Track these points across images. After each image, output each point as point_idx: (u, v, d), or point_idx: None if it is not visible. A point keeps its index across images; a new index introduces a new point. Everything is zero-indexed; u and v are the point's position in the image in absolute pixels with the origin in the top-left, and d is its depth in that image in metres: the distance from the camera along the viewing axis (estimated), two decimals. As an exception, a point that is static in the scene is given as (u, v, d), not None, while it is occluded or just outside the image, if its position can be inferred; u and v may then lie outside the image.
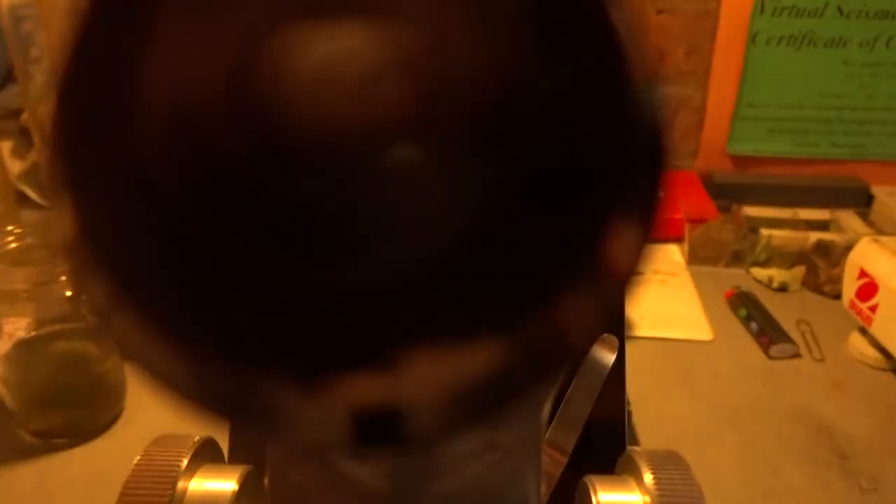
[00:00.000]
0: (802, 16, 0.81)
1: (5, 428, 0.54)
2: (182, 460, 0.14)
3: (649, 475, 0.15)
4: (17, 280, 0.48)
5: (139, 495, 0.13)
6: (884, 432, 0.57)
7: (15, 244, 0.50)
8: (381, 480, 0.10)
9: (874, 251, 0.63)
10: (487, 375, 0.06)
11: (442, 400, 0.06)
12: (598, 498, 0.15)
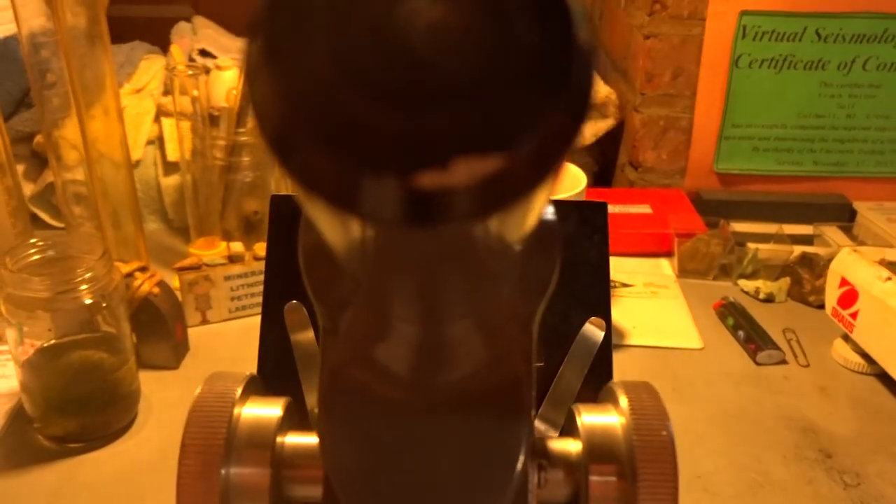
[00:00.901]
0: (782, 40, 0.85)
1: (24, 432, 0.56)
2: (237, 389, 0.16)
3: (624, 399, 0.17)
4: (39, 289, 0.50)
5: (204, 419, 0.15)
6: (866, 432, 0.59)
7: (37, 256, 0.52)
8: (407, 371, 0.13)
9: (854, 260, 0.66)
10: (501, 174, 0.08)
11: (473, 188, 0.08)
12: (583, 420, 0.17)
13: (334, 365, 0.13)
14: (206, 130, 0.72)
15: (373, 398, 0.13)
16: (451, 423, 0.13)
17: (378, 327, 0.12)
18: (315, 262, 0.14)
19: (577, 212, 0.31)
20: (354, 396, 0.13)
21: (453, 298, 0.12)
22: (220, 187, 0.75)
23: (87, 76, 0.70)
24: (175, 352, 0.64)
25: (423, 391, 0.13)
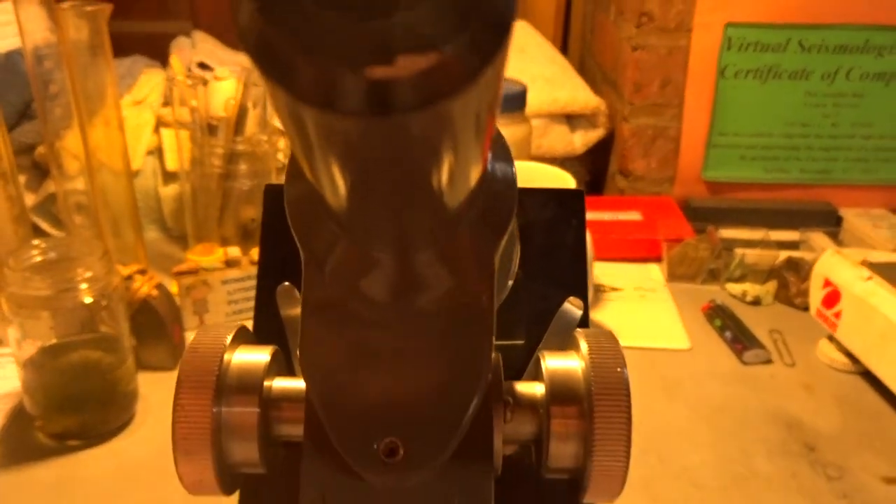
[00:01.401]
0: (767, 51, 0.87)
1: (24, 430, 0.57)
2: (226, 337, 0.18)
3: (584, 344, 0.19)
4: (40, 287, 0.52)
5: (196, 365, 0.17)
6: (850, 428, 0.60)
7: (39, 258, 0.54)
8: (382, 294, 0.14)
9: (837, 262, 0.67)
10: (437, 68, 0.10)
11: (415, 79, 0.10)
12: (546, 364, 0.19)
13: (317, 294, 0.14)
14: (205, 139, 0.74)
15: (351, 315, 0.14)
16: (422, 337, 0.15)
17: (357, 259, 0.14)
18: (300, 211, 0.15)
19: (557, 199, 0.32)
20: (334, 313, 0.14)
21: (418, 229, 0.14)
22: (218, 195, 0.77)
23: (90, 88, 0.72)
24: (172, 353, 0.65)
25: (396, 311, 0.14)
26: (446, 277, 0.15)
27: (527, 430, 0.18)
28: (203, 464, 0.17)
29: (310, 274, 0.15)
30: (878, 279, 0.63)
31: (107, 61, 0.70)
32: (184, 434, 0.17)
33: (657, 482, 0.54)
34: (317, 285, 0.15)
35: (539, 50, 1.02)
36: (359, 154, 0.11)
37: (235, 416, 0.17)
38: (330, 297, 0.15)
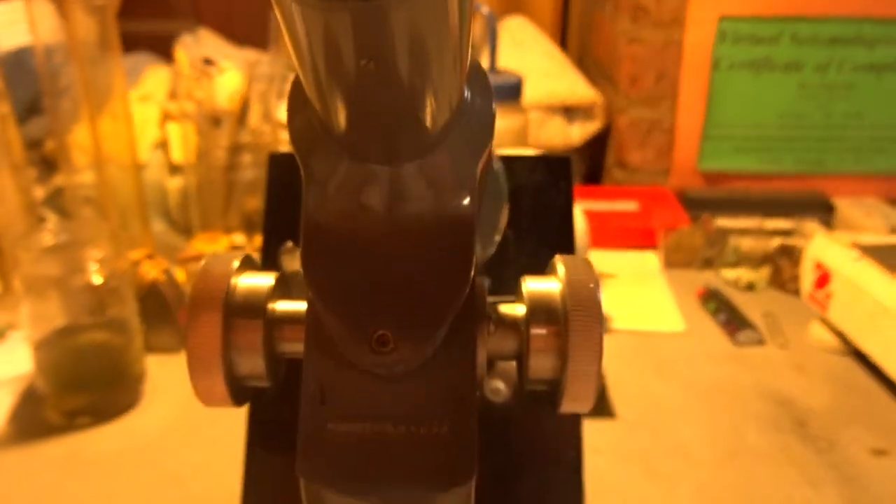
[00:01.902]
0: (760, 43, 0.89)
1: (35, 409, 0.59)
2: (234, 263, 0.20)
3: (561, 268, 0.20)
4: (51, 267, 0.53)
5: (207, 286, 0.18)
6: (840, 405, 0.62)
7: (52, 241, 0.56)
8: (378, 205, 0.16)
9: (828, 244, 0.69)
10: None
11: None
12: (527, 286, 0.20)
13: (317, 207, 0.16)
14: (210, 131, 0.76)
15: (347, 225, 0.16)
16: (411, 242, 0.16)
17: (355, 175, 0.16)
18: (303, 136, 0.17)
19: (545, 164, 0.34)
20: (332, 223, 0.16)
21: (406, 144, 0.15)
22: (223, 186, 0.79)
23: (99, 82, 0.73)
24: (179, 337, 0.67)
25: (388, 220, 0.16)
26: (431, 190, 0.16)
27: (509, 346, 0.20)
28: (214, 377, 0.19)
29: (310, 191, 0.16)
30: (868, 260, 0.64)
31: (115, 55, 0.72)
32: (196, 349, 0.18)
33: (651, 456, 0.55)
34: (317, 201, 0.16)
35: (537, 45, 1.04)
36: (350, 53, 0.13)
37: (242, 333, 0.19)
38: (328, 210, 0.16)
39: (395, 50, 0.13)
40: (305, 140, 0.16)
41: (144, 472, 0.53)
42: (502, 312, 0.20)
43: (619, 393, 0.62)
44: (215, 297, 0.18)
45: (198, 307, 0.18)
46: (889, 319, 0.60)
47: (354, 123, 0.15)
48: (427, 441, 0.17)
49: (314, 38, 0.13)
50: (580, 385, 0.19)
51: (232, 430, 0.57)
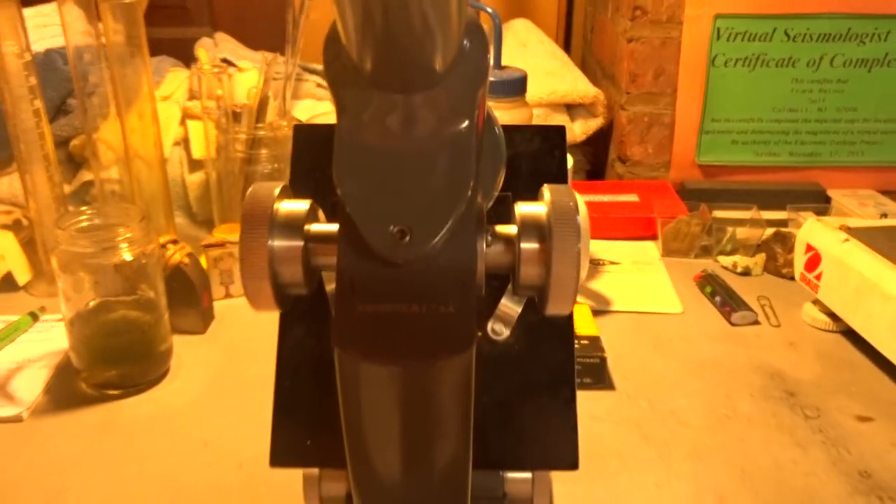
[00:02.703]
0: (754, 40, 0.92)
1: (69, 382, 0.63)
2: (276, 190, 0.23)
3: (547, 193, 0.24)
4: (85, 245, 0.57)
5: (254, 208, 0.22)
6: (828, 377, 0.65)
7: (86, 223, 0.60)
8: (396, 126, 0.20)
9: (818, 228, 0.72)
10: None
11: None
12: (519, 209, 0.24)
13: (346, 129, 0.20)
14: (230, 126, 0.80)
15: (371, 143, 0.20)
16: (424, 156, 0.20)
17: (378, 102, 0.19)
18: (335, 69, 0.21)
19: (541, 133, 0.38)
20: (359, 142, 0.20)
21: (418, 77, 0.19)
22: (241, 178, 0.83)
23: (128, 83, 0.78)
24: (202, 318, 0.71)
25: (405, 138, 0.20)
26: (435, 115, 0.20)
27: (504, 259, 0.23)
28: (262, 283, 0.23)
29: (342, 118, 0.20)
30: (855, 241, 0.68)
31: (142, 55, 0.76)
32: (247, 260, 0.22)
33: (648, 422, 0.59)
34: (347, 124, 0.20)
35: (540, 46, 1.08)
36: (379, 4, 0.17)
37: (284, 248, 0.23)
38: (356, 131, 0.20)
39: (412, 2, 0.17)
40: (340, 78, 0.20)
41: (172, 437, 0.57)
42: (498, 231, 0.24)
43: (619, 368, 0.66)
44: (262, 216, 0.22)
45: (248, 224, 0.22)
46: (875, 295, 0.63)
47: (379, 62, 0.19)
48: (436, 318, 0.20)
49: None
50: (561, 289, 0.22)
51: (254, 401, 0.61)
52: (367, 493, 0.25)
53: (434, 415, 0.22)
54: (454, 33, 0.19)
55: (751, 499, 0.51)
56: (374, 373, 0.21)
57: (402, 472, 0.24)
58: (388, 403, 0.21)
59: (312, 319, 0.35)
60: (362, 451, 0.23)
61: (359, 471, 0.24)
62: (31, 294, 0.78)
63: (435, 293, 0.20)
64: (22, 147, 0.73)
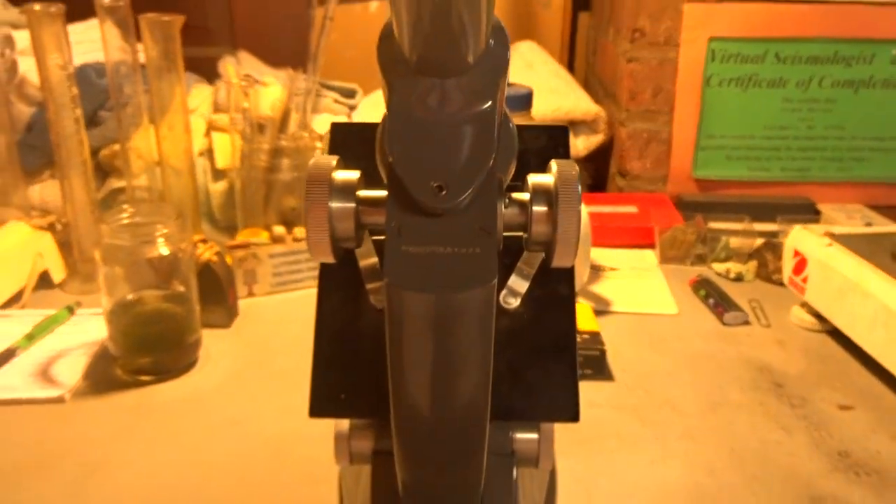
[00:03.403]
0: (746, 62, 0.98)
1: (106, 367, 0.67)
2: (332, 161, 0.29)
3: (554, 166, 0.29)
4: (127, 238, 0.62)
5: (317, 174, 0.27)
6: (814, 371, 0.69)
7: (127, 220, 0.65)
8: (434, 103, 0.25)
9: (804, 235, 0.77)
10: None
11: None
12: (531, 179, 0.29)
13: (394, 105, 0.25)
14: (254, 136, 0.85)
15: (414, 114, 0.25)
16: (457, 125, 0.25)
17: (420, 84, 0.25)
18: (386, 59, 0.26)
19: (546, 132, 0.43)
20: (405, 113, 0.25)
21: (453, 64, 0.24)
22: (263, 186, 0.88)
23: (163, 95, 0.83)
24: (228, 313, 0.76)
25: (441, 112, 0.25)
26: (464, 96, 0.25)
27: (519, 219, 0.28)
28: (322, 236, 0.28)
29: (391, 97, 0.25)
30: (838, 245, 0.73)
31: (177, 69, 0.82)
32: (311, 218, 0.27)
33: (644, 409, 0.63)
34: (396, 101, 0.25)
35: (545, 66, 1.14)
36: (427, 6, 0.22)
37: (340, 208, 0.28)
38: (403, 107, 0.25)
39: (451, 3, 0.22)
40: (391, 66, 0.25)
41: (203, 416, 0.62)
42: (514, 196, 0.29)
43: (618, 362, 0.70)
44: (323, 182, 0.28)
45: (312, 188, 0.27)
46: (856, 294, 0.68)
47: (424, 54, 0.24)
48: (464, 258, 0.25)
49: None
50: (566, 244, 0.28)
51: (277, 387, 0.66)
52: (405, 416, 0.30)
53: (462, 338, 0.27)
54: (482, 34, 0.24)
55: (738, 473, 0.55)
56: (415, 300, 0.26)
57: (434, 394, 0.29)
58: (425, 328, 0.26)
59: (347, 289, 0.40)
60: (402, 373, 0.28)
61: (398, 393, 0.29)
62: (65, 291, 0.82)
63: (464, 238, 0.25)
64: (63, 153, 0.79)
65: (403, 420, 0.31)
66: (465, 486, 0.37)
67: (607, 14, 1.15)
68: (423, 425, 0.31)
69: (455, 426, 0.32)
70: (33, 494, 0.52)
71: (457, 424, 0.32)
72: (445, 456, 0.34)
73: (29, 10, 0.73)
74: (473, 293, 0.26)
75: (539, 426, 0.42)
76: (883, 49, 0.97)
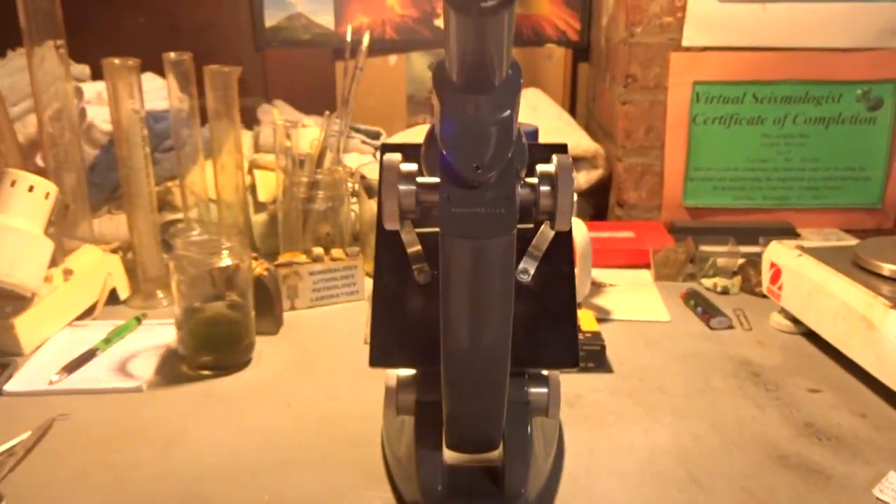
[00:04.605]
0: (727, 102, 1.10)
1: (173, 365, 0.78)
2: (398, 156, 0.40)
3: (555, 158, 0.40)
4: (196, 251, 0.74)
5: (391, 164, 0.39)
6: (788, 364, 0.79)
7: (197, 237, 0.77)
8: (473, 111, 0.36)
9: (779, 249, 0.88)
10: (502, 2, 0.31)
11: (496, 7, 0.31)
12: (538, 168, 0.40)
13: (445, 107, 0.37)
14: (295, 171, 0.97)
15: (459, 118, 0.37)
16: (485, 126, 0.37)
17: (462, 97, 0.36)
18: (438, 79, 0.37)
19: (549, 149, 0.54)
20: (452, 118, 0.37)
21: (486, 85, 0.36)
22: (301, 214, 1.00)
23: (219, 136, 0.96)
24: (276, 322, 0.87)
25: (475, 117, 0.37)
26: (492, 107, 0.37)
27: (530, 196, 0.40)
28: (393, 207, 0.39)
29: (443, 107, 0.37)
30: (806, 256, 0.83)
31: (233, 113, 0.94)
32: (386, 195, 0.39)
33: (638, 393, 0.73)
34: (446, 110, 0.37)
35: (549, 110, 1.27)
36: (470, 37, 0.33)
37: (405, 189, 0.40)
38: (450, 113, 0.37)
39: (488, 43, 0.33)
40: (442, 85, 0.37)
41: (261, 400, 0.72)
42: (526, 180, 0.40)
43: (616, 358, 0.80)
44: (394, 171, 0.39)
45: (386, 174, 0.39)
46: (822, 296, 0.78)
47: (466, 79, 0.36)
48: (494, 216, 0.37)
49: (459, 33, 0.33)
50: (563, 212, 0.39)
51: (322, 380, 0.76)
52: (451, 349, 0.42)
53: (491, 276, 0.38)
54: (504, 67, 0.36)
55: (717, 439, 0.65)
56: (460, 245, 0.37)
57: (472, 325, 0.40)
58: (466, 267, 0.38)
59: (395, 271, 0.51)
60: (450, 308, 0.40)
61: (447, 326, 0.40)
62: (129, 307, 0.94)
63: (493, 202, 0.37)
64: (132, 186, 0.91)
65: (449, 352, 0.42)
66: (492, 416, 0.48)
67: (604, 64, 1.29)
68: (464, 355, 0.42)
69: (486, 356, 0.43)
70: (126, 456, 0.63)
71: (487, 355, 0.43)
72: (479, 384, 0.45)
73: (109, 63, 0.86)
74: (499, 240, 0.37)
75: (549, 382, 0.53)
76: (849, 89, 1.09)
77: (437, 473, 0.51)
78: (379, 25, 1.42)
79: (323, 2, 1.42)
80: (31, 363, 0.78)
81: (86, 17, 1.42)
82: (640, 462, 0.62)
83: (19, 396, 0.72)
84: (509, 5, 0.31)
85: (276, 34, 1.44)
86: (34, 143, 1.09)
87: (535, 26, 1.42)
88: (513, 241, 0.37)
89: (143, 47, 0.94)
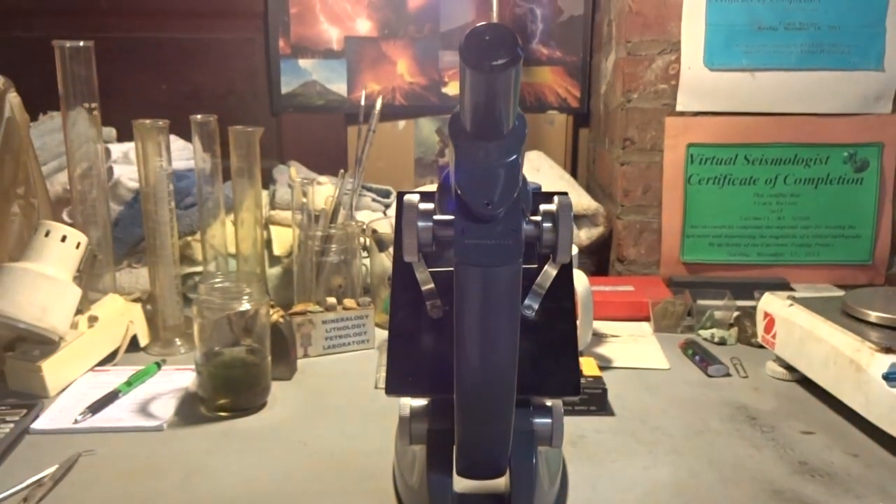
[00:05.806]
0: (721, 163, 1.16)
1: (192, 406, 0.81)
2: (416, 196, 0.45)
3: (556, 198, 0.45)
4: (218, 296, 0.78)
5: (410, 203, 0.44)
6: (782, 408, 0.82)
7: (219, 284, 0.81)
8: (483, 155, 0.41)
9: (771, 299, 0.92)
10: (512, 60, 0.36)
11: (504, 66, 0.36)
12: (541, 207, 0.45)
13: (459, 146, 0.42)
14: (310, 225, 1.03)
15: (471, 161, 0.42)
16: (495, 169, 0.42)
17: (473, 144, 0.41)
18: (453, 123, 0.43)
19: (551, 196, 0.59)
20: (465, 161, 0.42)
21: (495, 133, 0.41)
22: (315, 267, 1.05)
23: (240, 193, 1.01)
24: (290, 368, 0.90)
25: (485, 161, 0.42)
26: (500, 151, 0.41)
27: (534, 232, 0.44)
28: (412, 242, 0.44)
29: (457, 152, 0.42)
30: (797, 305, 0.88)
31: (254, 171, 1.00)
32: (406, 231, 0.44)
33: (639, 433, 0.76)
34: (459, 154, 0.42)
35: (552, 171, 1.33)
36: (482, 90, 0.38)
37: (423, 226, 0.44)
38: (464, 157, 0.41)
39: (498, 96, 0.38)
40: (456, 132, 0.42)
41: (276, 439, 0.75)
42: (531, 218, 0.45)
43: (617, 402, 0.84)
44: (413, 210, 0.44)
45: (406, 213, 0.44)
46: (811, 341, 0.82)
47: (478, 127, 0.41)
48: (503, 247, 0.41)
49: (473, 87, 0.38)
50: (564, 246, 0.43)
51: (335, 422, 0.80)
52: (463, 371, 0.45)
53: (501, 299, 0.42)
54: (511, 118, 0.41)
55: (715, 475, 0.68)
56: (472, 273, 0.41)
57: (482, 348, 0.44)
58: (477, 293, 0.42)
59: (410, 307, 0.55)
60: (463, 332, 0.44)
61: (460, 350, 0.44)
62: (149, 353, 0.98)
63: (502, 234, 0.42)
64: (156, 239, 0.96)
65: (462, 375, 0.46)
66: (500, 439, 0.51)
67: (603, 128, 1.35)
68: (475, 377, 0.46)
69: (495, 379, 0.47)
70: (149, 488, 0.66)
71: (496, 377, 0.47)
72: (488, 407, 0.49)
73: (140, 124, 0.93)
74: (507, 268, 0.42)
75: (552, 413, 0.56)
76: (835, 152, 1.15)
77: (448, 500, 0.54)
78: (389, 92, 1.50)
79: (337, 70, 1.50)
80: (56, 404, 0.82)
81: (111, 83, 1.50)
82: (640, 495, 0.64)
83: (46, 434, 0.76)
84: (516, 64, 0.36)
85: (292, 100, 1.52)
86: (59, 200, 1.15)
87: (538, 94, 1.50)
88: (519, 269, 0.41)
89: (165, 112, 1.00)
